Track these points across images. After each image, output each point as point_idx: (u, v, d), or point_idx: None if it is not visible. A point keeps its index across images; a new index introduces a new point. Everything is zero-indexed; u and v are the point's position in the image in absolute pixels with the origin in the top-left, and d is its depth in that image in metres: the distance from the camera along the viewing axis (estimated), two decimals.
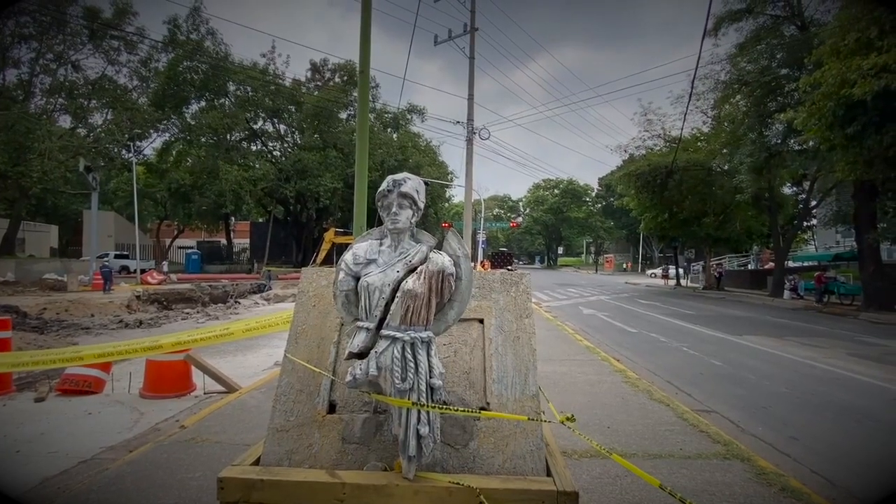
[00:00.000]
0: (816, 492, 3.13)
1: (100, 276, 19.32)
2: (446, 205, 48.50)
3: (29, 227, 33.41)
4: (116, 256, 29.80)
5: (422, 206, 2.06)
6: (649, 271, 57.01)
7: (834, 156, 14.60)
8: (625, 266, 62.18)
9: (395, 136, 37.06)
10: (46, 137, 21.15)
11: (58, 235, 38.41)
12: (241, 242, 48.80)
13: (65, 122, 27.24)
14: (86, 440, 3.89)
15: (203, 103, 33.53)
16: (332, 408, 2.26)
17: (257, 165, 33.51)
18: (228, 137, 33.68)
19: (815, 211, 27.97)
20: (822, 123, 13.06)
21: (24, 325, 10.89)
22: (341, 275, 2.05)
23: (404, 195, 1.99)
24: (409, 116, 38.09)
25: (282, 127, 37.20)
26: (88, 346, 6.05)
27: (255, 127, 35.69)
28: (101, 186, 23.53)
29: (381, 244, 2.09)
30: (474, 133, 18.17)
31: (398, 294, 1.90)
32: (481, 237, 29.97)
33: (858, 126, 12.39)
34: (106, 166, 27.91)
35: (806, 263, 27.86)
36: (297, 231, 37.90)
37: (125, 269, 29.33)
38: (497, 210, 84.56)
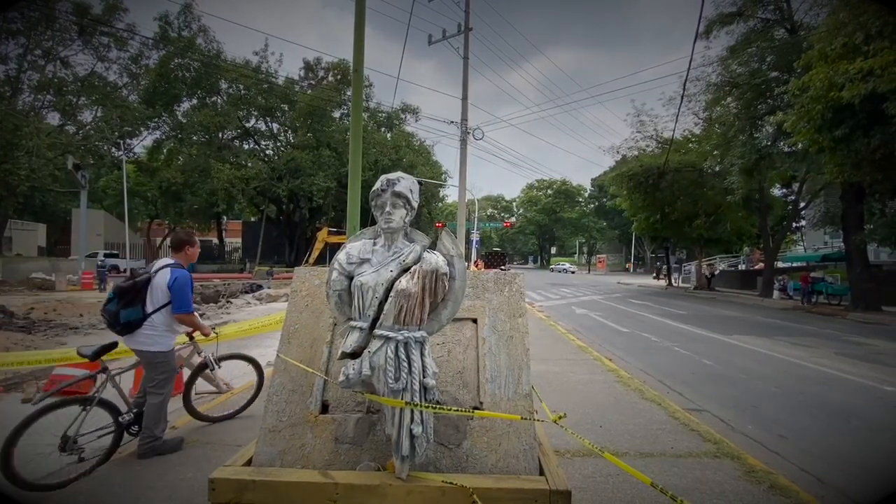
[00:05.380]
0: (805, 489, 3.17)
1: (89, 276, 19.08)
2: (440, 205, 48.54)
3: (16, 226, 32.95)
4: (106, 255, 29.43)
5: (416, 205, 2.06)
6: (551, 267, 59.09)
7: (822, 158, 14.80)
8: (627, 266, 63.09)
9: (388, 135, 37.01)
10: (34, 135, 20.82)
11: (46, 234, 37.89)
12: (233, 242, 48.44)
13: (53, 119, 26.87)
14: None
15: (195, 101, 33.24)
16: (324, 408, 2.25)
17: (250, 164, 33.28)
18: (220, 136, 33.42)
19: (803, 212, 28.34)
20: (811, 126, 13.23)
21: (11, 325, 10.72)
22: (334, 274, 2.05)
23: (398, 194, 1.99)
24: (402, 116, 38.08)
25: (274, 126, 37.01)
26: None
27: (247, 125, 35.45)
28: (90, 185, 23.20)
29: (374, 244, 2.09)
30: (468, 133, 18.18)
31: (392, 293, 1.90)
32: (475, 237, 29.99)
33: (846, 129, 12.58)
34: (95, 164, 27.54)
35: (795, 264, 28.23)
36: (289, 230, 37.70)
37: (115, 268, 28.99)
38: (491, 210, 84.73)
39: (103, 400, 3.37)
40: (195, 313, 3.69)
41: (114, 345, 3.50)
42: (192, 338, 4.02)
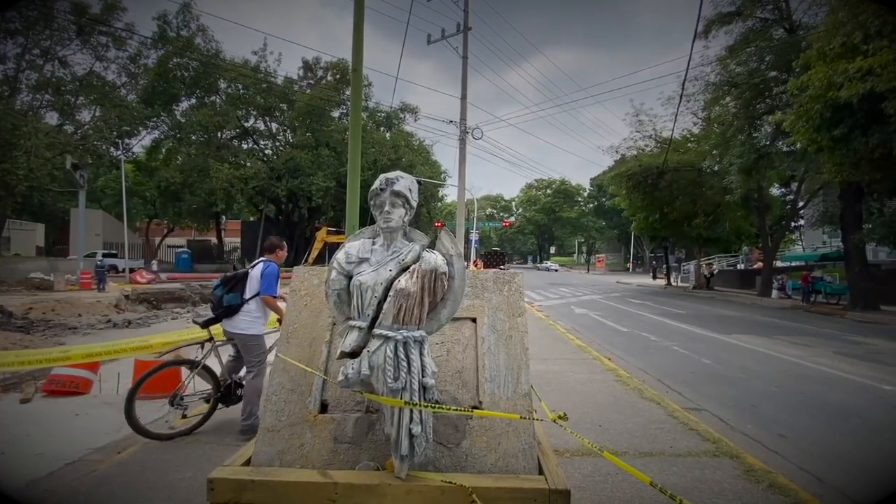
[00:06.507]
0: (804, 488, 3.17)
1: (88, 276, 19.02)
2: (439, 204, 48.47)
3: (14, 226, 32.82)
4: (105, 255, 29.36)
5: (414, 204, 2.06)
6: (537, 266, 60.63)
7: (821, 157, 14.82)
8: (626, 266, 63.41)
9: (387, 135, 36.95)
10: (33, 134, 20.75)
11: (44, 234, 37.79)
12: (232, 241, 48.34)
13: (52, 118, 26.78)
14: (73, 442, 3.83)
15: (193, 101, 33.17)
16: (323, 407, 2.25)
17: (248, 164, 33.23)
18: (219, 135, 33.35)
19: (802, 212, 28.34)
20: (810, 126, 13.24)
21: (10, 325, 10.72)
22: (333, 273, 2.04)
23: (397, 194, 1.99)
24: (402, 115, 38.02)
25: (273, 125, 36.94)
26: (76, 346, 5.97)
27: (246, 125, 35.39)
28: (88, 184, 23.12)
29: (373, 243, 2.08)
30: (467, 132, 18.16)
31: (391, 293, 1.90)
32: (474, 237, 29.97)
33: (845, 128, 12.58)
34: (94, 164, 27.46)
35: (794, 263, 28.26)
36: (288, 230, 37.65)
37: (114, 268, 28.90)
38: (490, 210, 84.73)
39: (207, 367, 3.99)
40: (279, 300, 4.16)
41: (219, 318, 4.03)
42: (281, 323, 4.40)
